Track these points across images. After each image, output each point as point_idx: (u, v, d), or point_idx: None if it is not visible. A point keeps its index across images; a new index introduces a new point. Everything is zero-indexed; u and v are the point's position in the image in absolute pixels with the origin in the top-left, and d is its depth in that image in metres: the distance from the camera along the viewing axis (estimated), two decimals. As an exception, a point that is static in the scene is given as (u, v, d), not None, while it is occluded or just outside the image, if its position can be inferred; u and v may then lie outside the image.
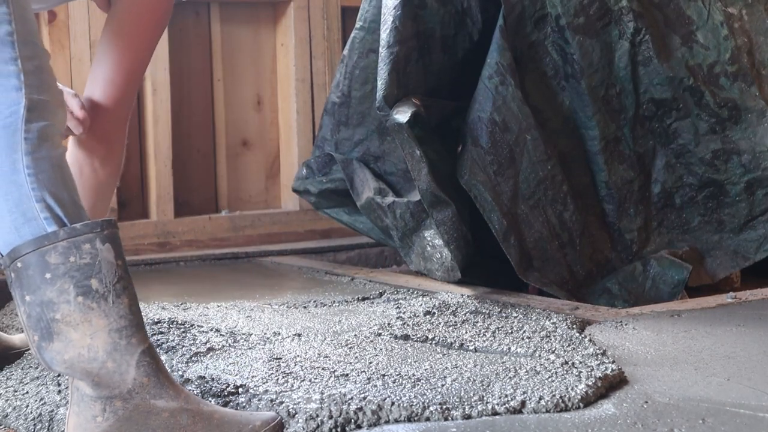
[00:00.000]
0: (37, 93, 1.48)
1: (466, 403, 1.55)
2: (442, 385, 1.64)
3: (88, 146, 2.03)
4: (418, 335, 2.07)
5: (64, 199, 1.46)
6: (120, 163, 2.10)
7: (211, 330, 2.15)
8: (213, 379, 1.72)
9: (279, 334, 2.14)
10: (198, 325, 2.20)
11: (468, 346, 1.96)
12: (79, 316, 1.42)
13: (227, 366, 1.84)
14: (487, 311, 2.32)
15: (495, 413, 1.53)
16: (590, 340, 1.96)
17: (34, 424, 1.60)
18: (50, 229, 1.43)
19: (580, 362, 1.76)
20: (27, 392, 1.72)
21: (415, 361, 1.83)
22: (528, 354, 1.87)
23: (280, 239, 3.84)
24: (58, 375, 1.79)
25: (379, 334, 2.10)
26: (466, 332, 2.08)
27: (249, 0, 3.89)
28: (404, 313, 2.32)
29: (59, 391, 1.70)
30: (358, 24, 2.99)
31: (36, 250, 1.42)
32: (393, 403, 1.54)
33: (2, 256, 1.45)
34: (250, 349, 1.99)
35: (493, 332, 2.05)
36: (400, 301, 2.53)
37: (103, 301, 1.43)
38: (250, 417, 1.47)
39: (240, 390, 1.65)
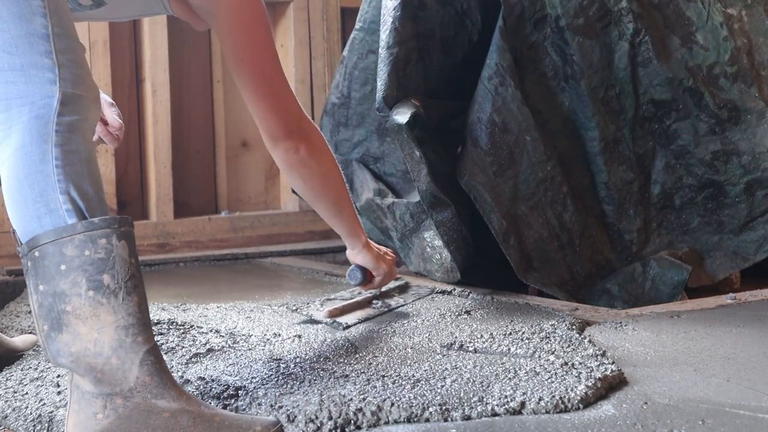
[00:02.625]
0: (71, 87, 1.48)
1: (465, 404, 1.55)
2: (442, 386, 1.64)
3: (293, 152, 2.09)
4: (418, 336, 2.07)
5: (88, 193, 1.47)
6: (328, 148, 2.19)
7: (211, 331, 2.15)
8: (213, 380, 1.72)
9: (279, 335, 2.14)
10: (198, 326, 2.20)
11: (467, 347, 1.96)
12: (89, 310, 1.43)
13: (227, 367, 1.84)
14: (487, 312, 2.33)
15: (495, 414, 1.53)
16: (590, 341, 1.96)
17: (34, 425, 1.60)
18: (70, 221, 1.44)
19: (580, 363, 1.76)
20: (26, 393, 1.72)
21: (414, 362, 1.83)
22: (527, 355, 1.87)
23: (279, 240, 3.85)
24: (58, 376, 1.79)
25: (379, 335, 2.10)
26: (466, 333, 2.08)
27: (249, 1, 3.89)
28: (404, 314, 2.32)
29: (59, 392, 1.70)
30: (357, 25, 2.99)
31: (54, 240, 1.43)
32: (392, 404, 1.54)
33: (21, 243, 1.46)
34: (249, 350, 1.99)
35: (492, 333, 2.05)
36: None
37: (113, 297, 1.44)
38: (250, 420, 1.47)
39: (240, 392, 1.65)
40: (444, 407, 1.53)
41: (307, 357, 1.91)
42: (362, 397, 1.58)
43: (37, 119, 1.45)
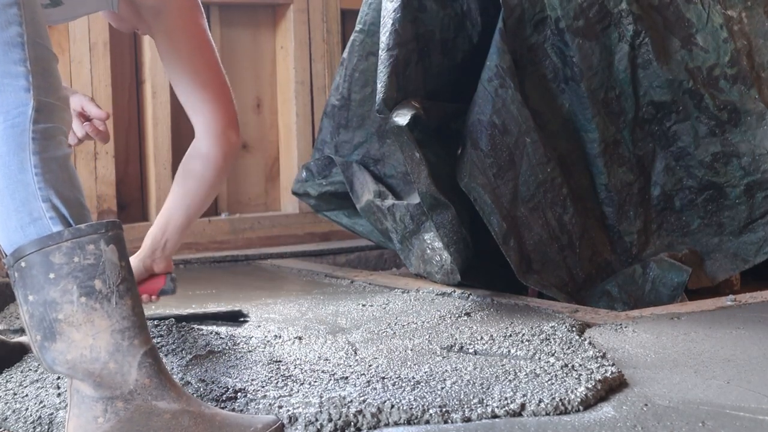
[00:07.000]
0: (45, 95, 1.48)
1: (465, 406, 1.55)
2: (442, 388, 1.64)
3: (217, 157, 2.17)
4: (418, 338, 2.07)
5: (70, 199, 1.46)
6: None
7: (211, 333, 2.15)
8: (213, 382, 1.72)
9: (279, 336, 2.15)
10: (198, 328, 2.20)
11: (467, 348, 1.96)
12: (82, 317, 1.42)
13: (227, 369, 1.84)
14: (487, 314, 2.33)
15: (495, 416, 1.53)
16: (590, 343, 1.96)
17: (34, 427, 1.60)
18: (55, 229, 1.43)
19: (580, 365, 1.76)
20: (26, 395, 1.72)
21: (414, 364, 1.83)
22: (527, 357, 1.87)
23: (279, 242, 3.85)
24: (58, 378, 1.79)
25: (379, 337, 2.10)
26: (466, 335, 2.08)
27: (248, 3, 3.89)
28: (404, 315, 2.32)
29: (59, 394, 1.70)
30: (357, 27, 2.99)
31: (40, 249, 1.42)
32: (393, 406, 1.54)
33: (6, 255, 1.45)
34: (249, 351, 1.99)
35: (492, 335, 2.05)
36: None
37: (106, 301, 1.43)
38: (251, 420, 1.48)
39: (239, 394, 1.65)
40: (444, 409, 1.53)
41: (306, 359, 1.91)
42: (362, 399, 1.58)
43: (13, 128, 1.44)
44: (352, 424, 1.50)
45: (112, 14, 2.12)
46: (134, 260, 2.16)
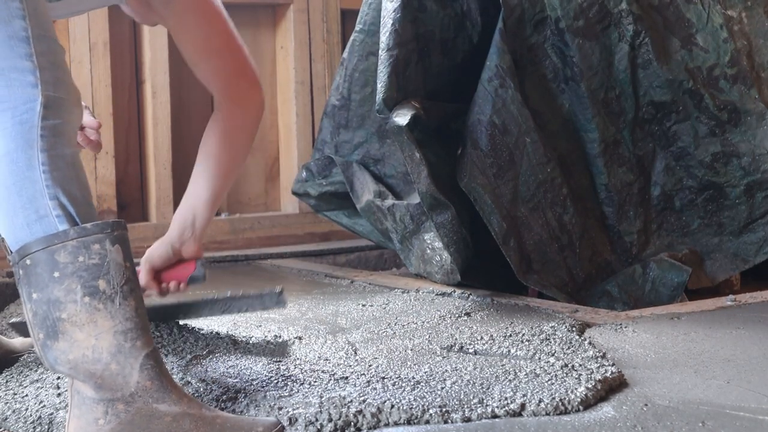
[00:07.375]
0: (53, 90, 1.46)
1: (465, 406, 1.55)
2: (442, 388, 1.64)
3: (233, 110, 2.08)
4: (418, 338, 2.07)
5: (77, 198, 1.45)
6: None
7: (211, 333, 2.15)
8: (213, 382, 1.72)
9: (279, 336, 2.15)
10: (198, 328, 2.20)
11: (467, 348, 1.96)
12: (85, 317, 1.42)
13: (227, 369, 1.84)
14: (487, 314, 2.33)
15: (495, 416, 1.53)
16: (590, 343, 1.96)
17: (34, 427, 1.60)
18: (61, 227, 1.43)
19: (580, 365, 1.76)
20: (26, 395, 1.72)
21: (414, 364, 1.83)
22: (527, 357, 1.87)
23: (279, 242, 3.85)
24: (58, 378, 1.79)
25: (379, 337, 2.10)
26: (466, 335, 2.08)
27: (248, 3, 3.89)
28: (404, 315, 2.32)
29: (59, 394, 1.70)
30: (357, 27, 2.99)
31: (46, 248, 1.41)
32: (393, 406, 1.54)
33: (11, 252, 1.45)
34: (250, 351, 1.99)
35: (492, 335, 2.05)
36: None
37: (110, 302, 1.43)
38: (252, 422, 1.47)
39: (239, 395, 1.65)
40: (444, 409, 1.53)
41: (307, 359, 1.91)
42: (362, 399, 1.58)
43: (21, 124, 1.43)
44: (352, 424, 1.50)
45: (137, 6, 2.04)
46: (161, 244, 2.06)
